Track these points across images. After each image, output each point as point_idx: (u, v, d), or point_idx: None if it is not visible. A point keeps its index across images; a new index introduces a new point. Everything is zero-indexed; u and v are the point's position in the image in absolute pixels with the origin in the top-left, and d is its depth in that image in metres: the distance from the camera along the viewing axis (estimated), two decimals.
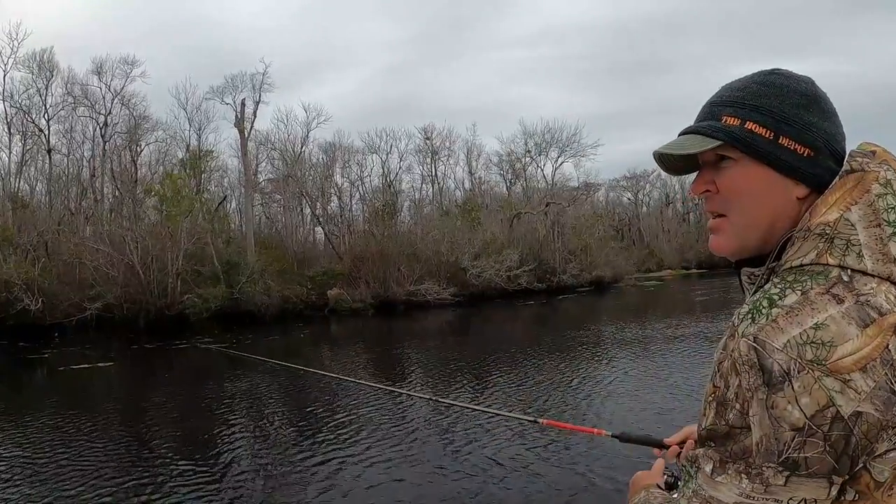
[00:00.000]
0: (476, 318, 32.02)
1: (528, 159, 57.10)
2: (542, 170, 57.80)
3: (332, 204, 47.62)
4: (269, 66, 42.48)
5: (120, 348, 22.89)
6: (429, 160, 53.48)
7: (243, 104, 40.01)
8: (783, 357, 0.96)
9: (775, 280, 1.07)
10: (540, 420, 2.37)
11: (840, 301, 0.98)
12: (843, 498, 0.99)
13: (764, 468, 0.97)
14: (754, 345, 0.98)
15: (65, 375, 17.92)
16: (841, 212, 1.06)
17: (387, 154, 51.26)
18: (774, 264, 1.12)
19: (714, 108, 1.18)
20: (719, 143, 1.15)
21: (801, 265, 1.05)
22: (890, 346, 0.96)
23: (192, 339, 24.26)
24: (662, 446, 1.75)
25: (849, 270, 1.02)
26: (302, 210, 46.05)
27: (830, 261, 1.03)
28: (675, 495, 1.37)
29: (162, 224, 33.30)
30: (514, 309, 34.84)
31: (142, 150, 41.86)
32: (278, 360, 11.18)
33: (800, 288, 1.01)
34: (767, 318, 0.99)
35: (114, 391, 15.71)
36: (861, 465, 0.97)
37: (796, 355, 0.95)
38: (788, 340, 0.96)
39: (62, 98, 39.19)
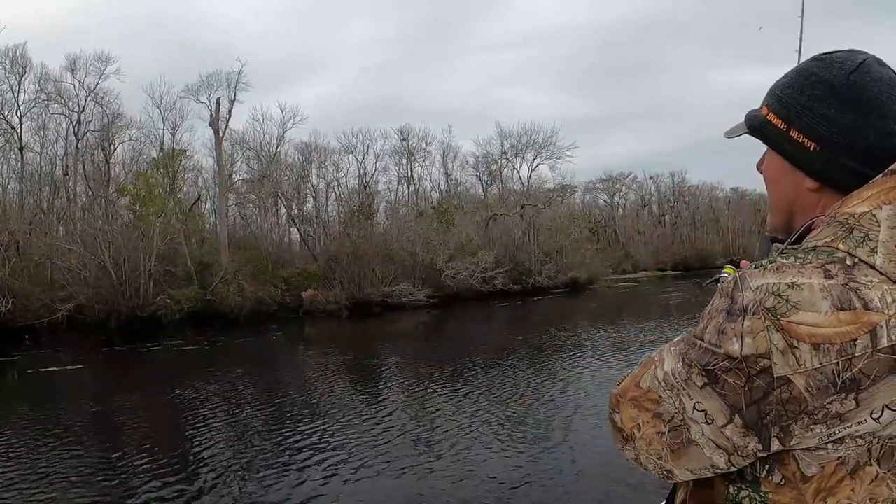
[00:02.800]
0: (451, 319, 32.09)
1: (504, 161, 57.28)
2: (517, 172, 58.04)
3: (307, 204, 47.44)
4: (244, 65, 42.01)
5: (91, 350, 22.68)
6: (405, 161, 53.53)
7: (218, 103, 39.67)
8: (749, 295, 1.01)
9: (788, 252, 1.09)
10: None
11: (828, 277, 1.00)
12: (770, 478, 1.04)
13: (694, 364, 1.05)
14: (737, 278, 1.05)
15: (34, 378, 17.77)
16: (870, 207, 1.05)
17: (363, 155, 51.20)
18: (796, 247, 1.13)
19: (765, 96, 1.24)
20: (745, 131, 1.25)
21: (815, 246, 1.08)
22: (857, 342, 0.95)
23: (164, 341, 24.13)
24: None
25: (856, 259, 1.02)
26: (277, 211, 45.80)
27: (841, 247, 1.04)
28: None
29: (134, 224, 33.00)
30: (489, 310, 34.96)
31: (115, 149, 41.35)
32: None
33: (801, 257, 1.04)
34: (761, 267, 1.04)
35: (83, 394, 15.59)
36: (778, 444, 1.00)
37: (759, 299, 0.99)
38: (761, 285, 1.01)
39: (35, 95, 38.54)
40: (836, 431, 0.98)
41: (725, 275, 1.77)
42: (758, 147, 1.28)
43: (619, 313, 31.63)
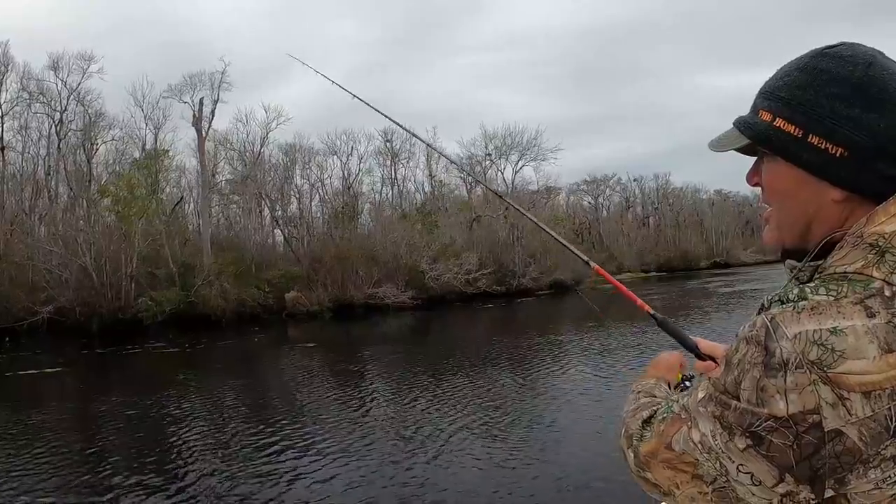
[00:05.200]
0: (435, 321, 32.10)
1: (488, 162, 57.32)
2: (502, 173, 58.07)
3: (291, 206, 47.30)
4: (228, 65, 41.77)
5: (72, 353, 22.55)
6: (389, 163, 53.54)
7: (201, 103, 39.54)
8: (788, 346, 0.92)
9: (817, 282, 1.00)
10: (592, 264, 2.11)
11: (871, 315, 0.92)
12: None
13: (734, 427, 0.97)
14: (768, 324, 0.95)
15: (12, 381, 17.65)
16: None
17: (347, 156, 51.12)
18: (819, 262, 1.05)
19: (757, 99, 1.12)
20: (747, 141, 1.12)
21: (845, 273, 0.98)
22: None
23: (145, 343, 24.01)
24: (693, 351, 1.63)
25: (894, 287, 0.94)
26: (261, 212, 45.65)
27: (876, 274, 0.95)
28: (675, 396, 1.38)
29: (116, 225, 32.79)
30: (473, 312, 34.99)
31: (97, 149, 41.05)
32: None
33: (834, 291, 0.96)
34: (793, 308, 0.95)
35: (63, 397, 15.52)
36: (832, 492, 0.93)
37: (801, 350, 0.91)
38: (800, 333, 0.92)
39: (17, 94, 38.39)
40: (893, 475, 0.92)
41: None
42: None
43: (603, 315, 31.70)
